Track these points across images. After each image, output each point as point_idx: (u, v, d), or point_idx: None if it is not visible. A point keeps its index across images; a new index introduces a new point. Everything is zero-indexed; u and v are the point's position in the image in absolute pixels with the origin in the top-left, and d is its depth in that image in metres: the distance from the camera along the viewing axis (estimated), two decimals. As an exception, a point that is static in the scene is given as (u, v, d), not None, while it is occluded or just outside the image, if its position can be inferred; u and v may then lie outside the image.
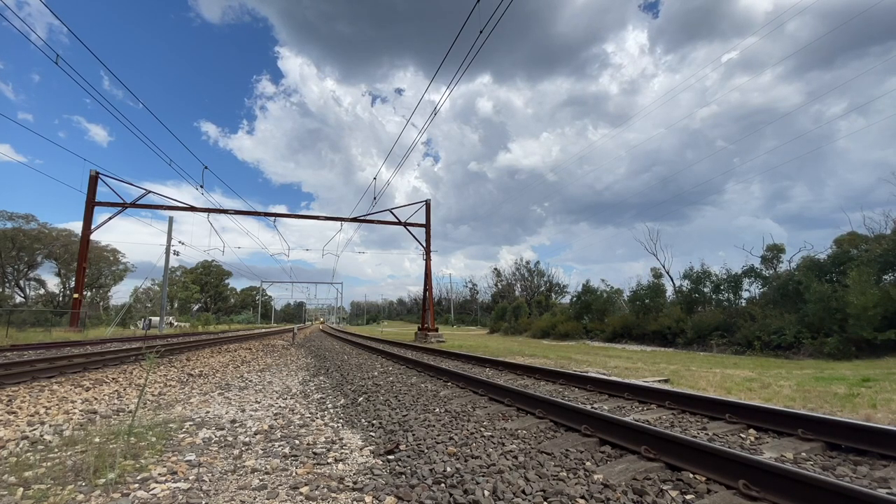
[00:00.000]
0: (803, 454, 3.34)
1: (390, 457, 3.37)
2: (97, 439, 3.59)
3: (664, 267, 34.91)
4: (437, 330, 29.18)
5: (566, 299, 52.77)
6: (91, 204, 26.93)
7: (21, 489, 2.60)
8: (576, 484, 2.72)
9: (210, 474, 3.00)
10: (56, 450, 3.47)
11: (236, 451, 3.55)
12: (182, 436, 4.00)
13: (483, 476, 2.85)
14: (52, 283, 49.13)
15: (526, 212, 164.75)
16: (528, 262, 62.27)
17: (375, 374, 8.70)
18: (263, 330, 45.14)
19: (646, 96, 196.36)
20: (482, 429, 4.13)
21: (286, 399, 6.07)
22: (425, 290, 31.38)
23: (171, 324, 48.72)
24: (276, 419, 4.75)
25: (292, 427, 4.39)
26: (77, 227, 43.47)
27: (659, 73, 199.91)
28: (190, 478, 2.93)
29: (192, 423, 4.55)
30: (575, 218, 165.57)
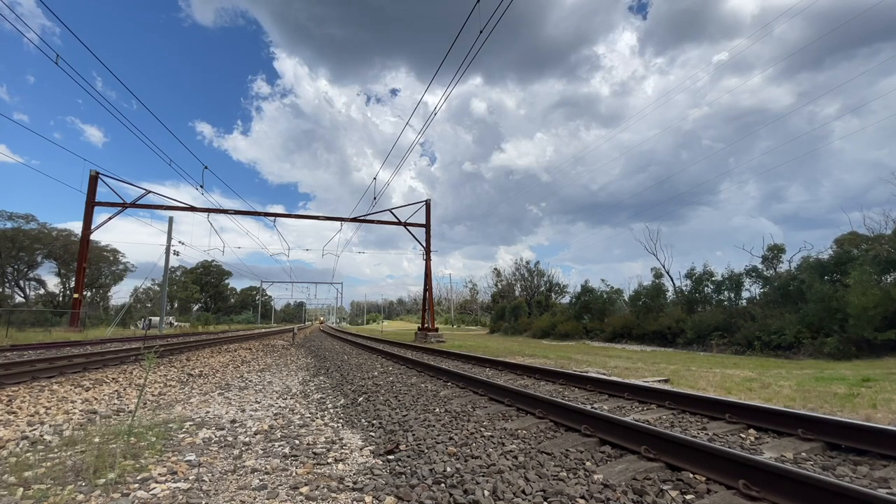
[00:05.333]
0: (803, 454, 3.34)
1: (390, 457, 3.36)
2: (97, 439, 3.59)
3: (664, 267, 34.93)
4: (437, 330, 29.18)
5: (566, 299, 52.75)
6: (91, 204, 26.93)
7: (21, 489, 2.60)
8: (576, 484, 2.72)
9: (210, 474, 3.00)
10: (56, 450, 3.47)
11: (236, 451, 3.55)
12: (182, 436, 4.00)
13: (483, 476, 2.85)
14: (52, 283, 49.16)
15: (522, 212, 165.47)
16: (527, 262, 62.11)
17: (375, 374, 8.70)
18: (263, 330, 45.13)
19: (637, 97, 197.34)
20: (482, 429, 4.13)
21: (286, 399, 6.07)
22: (425, 290, 31.38)
23: (171, 324, 48.70)
24: (276, 419, 4.75)
25: (292, 427, 4.39)
26: (77, 227, 43.55)
27: (649, 75, 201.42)
28: (190, 478, 2.93)
29: (192, 423, 4.55)
30: (571, 218, 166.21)
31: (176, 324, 51.99)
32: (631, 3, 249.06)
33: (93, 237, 28.29)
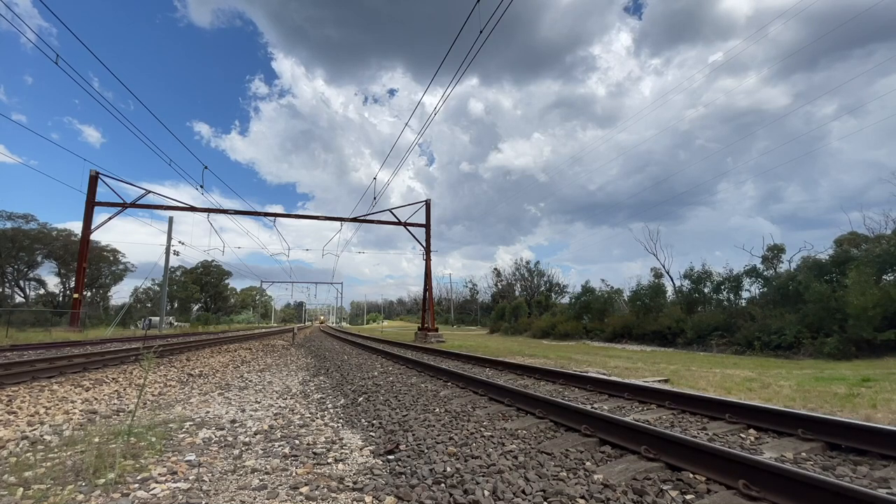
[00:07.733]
0: (803, 454, 3.34)
1: (390, 457, 3.36)
2: (97, 439, 3.59)
3: (664, 267, 34.94)
4: (437, 330, 29.16)
5: (566, 299, 52.79)
6: (91, 204, 26.91)
7: (21, 489, 2.60)
8: (576, 484, 2.72)
9: (210, 474, 3.00)
10: (56, 450, 3.47)
11: (236, 451, 3.55)
12: (182, 436, 4.00)
13: (483, 476, 2.85)
14: (52, 283, 49.16)
15: (521, 212, 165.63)
16: (527, 262, 62.21)
17: (375, 374, 8.70)
18: (263, 330, 45.12)
19: (634, 98, 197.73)
20: (482, 429, 4.13)
21: (286, 399, 6.07)
22: (425, 290, 31.37)
23: (171, 324, 48.70)
24: (276, 419, 4.75)
25: (292, 427, 4.39)
26: (76, 227, 43.56)
27: (645, 76, 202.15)
28: (190, 478, 2.93)
29: (192, 423, 4.55)
30: (570, 218, 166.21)
31: (176, 324, 51.97)
32: (626, 3, 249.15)
33: (93, 237, 28.28)
